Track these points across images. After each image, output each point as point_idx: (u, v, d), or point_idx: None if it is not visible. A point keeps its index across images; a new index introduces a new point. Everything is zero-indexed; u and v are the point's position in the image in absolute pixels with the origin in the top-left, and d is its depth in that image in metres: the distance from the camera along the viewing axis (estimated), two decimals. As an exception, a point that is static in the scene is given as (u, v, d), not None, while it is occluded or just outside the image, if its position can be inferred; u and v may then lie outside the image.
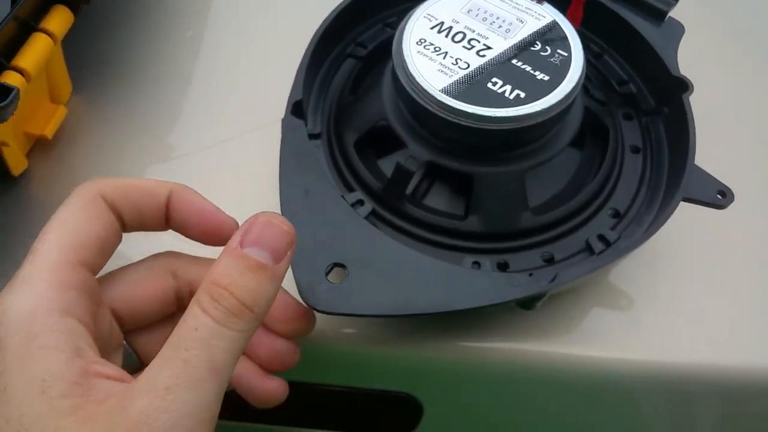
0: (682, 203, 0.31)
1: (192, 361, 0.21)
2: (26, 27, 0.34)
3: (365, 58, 0.38)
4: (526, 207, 0.32)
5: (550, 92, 0.30)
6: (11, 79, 0.32)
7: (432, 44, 0.31)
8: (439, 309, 0.28)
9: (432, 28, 0.32)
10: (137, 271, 0.27)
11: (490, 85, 0.30)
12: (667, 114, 0.35)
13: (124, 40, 0.44)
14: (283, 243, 0.24)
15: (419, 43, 0.31)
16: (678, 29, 0.36)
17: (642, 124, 0.36)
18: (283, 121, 0.33)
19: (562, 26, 0.33)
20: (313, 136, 0.35)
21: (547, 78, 0.31)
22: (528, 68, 0.31)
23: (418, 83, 0.30)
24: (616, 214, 0.34)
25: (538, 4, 0.33)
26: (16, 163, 0.37)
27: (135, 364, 0.28)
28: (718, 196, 0.31)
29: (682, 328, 0.35)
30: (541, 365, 0.35)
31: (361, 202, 0.33)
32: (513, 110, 0.29)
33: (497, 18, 0.33)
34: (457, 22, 0.32)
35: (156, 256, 0.28)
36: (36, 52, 0.34)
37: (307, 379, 0.35)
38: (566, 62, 0.31)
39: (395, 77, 0.31)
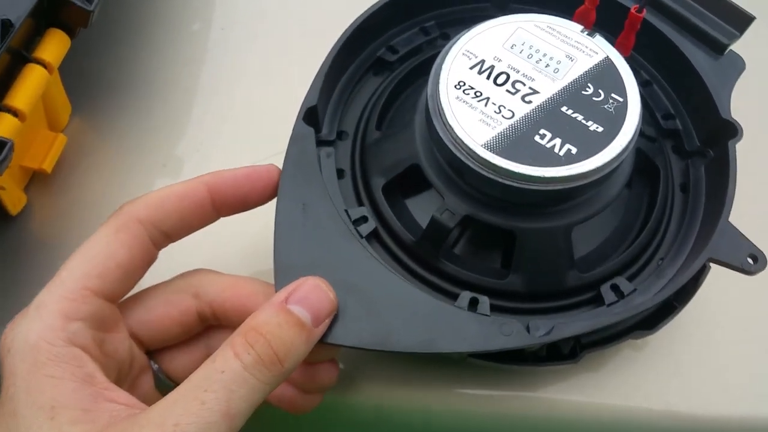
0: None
1: (209, 403, 0.21)
2: (19, 58, 0.31)
3: (395, 80, 0.34)
4: (572, 264, 0.30)
5: (605, 147, 0.27)
6: (4, 123, 0.29)
7: (472, 88, 0.28)
8: (420, 349, 0.26)
9: (472, 68, 0.29)
10: (157, 294, 0.28)
11: (537, 138, 0.27)
12: (711, 158, 0.32)
13: (124, 57, 0.41)
14: (326, 309, 0.25)
15: (458, 86, 0.28)
16: (738, 64, 0.32)
17: (686, 161, 0.33)
18: (294, 127, 0.30)
19: (616, 65, 0.29)
20: (325, 143, 0.33)
21: (600, 129, 0.27)
22: (579, 117, 0.28)
23: (457, 136, 0.27)
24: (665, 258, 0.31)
25: (590, 37, 0.30)
26: (14, 202, 0.34)
27: (169, 387, 0.27)
28: (749, 260, 0.28)
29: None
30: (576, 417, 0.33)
31: (364, 219, 0.30)
32: (564, 169, 0.26)
33: (544, 55, 0.29)
34: (500, 60, 0.29)
35: (178, 278, 0.28)
36: (30, 87, 0.31)
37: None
38: (622, 110, 0.28)
39: (430, 125, 0.28)
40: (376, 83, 0.35)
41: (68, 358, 0.23)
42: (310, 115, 0.31)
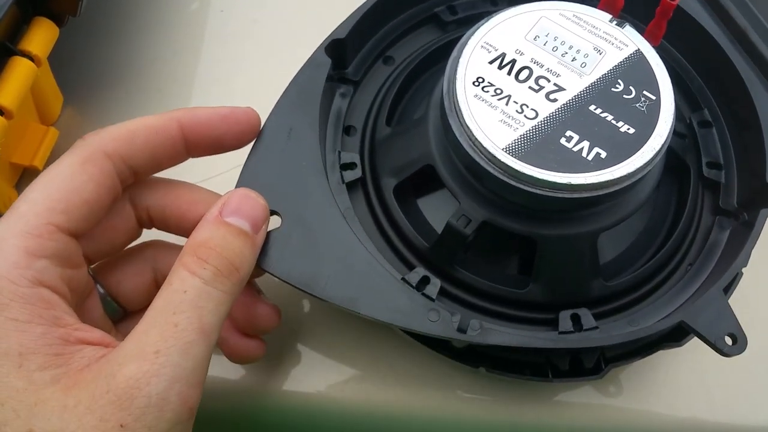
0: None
1: (182, 323, 0.21)
2: (3, 50, 0.29)
3: (407, 69, 0.32)
4: (597, 273, 0.28)
5: (637, 150, 0.25)
6: (-10, 122, 0.27)
7: (492, 85, 0.26)
8: (341, 303, 0.25)
9: (491, 62, 0.27)
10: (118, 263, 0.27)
11: (563, 140, 0.25)
12: (743, 222, 0.29)
13: (116, 44, 0.39)
14: (260, 215, 0.24)
15: (476, 83, 0.26)
16: None
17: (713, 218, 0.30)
18: (314, 53, 0.29)
19: (648, 58, 0.27)
20: (347, 81, 0.32)
21: (632, 131, 0.25)
22: (609, 117, 0.26)
23: (476, 138, 0.25)
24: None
25: (619, 28, 0.28)
26: (4, 201, 0.32)
27: (117, 313, 0.27)
28: (727, 339, 0.25)
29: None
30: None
31: (352, 166, 0.29)
32: (592, 176, 0.24)
33: (570, 47, 0.27)
34: (522, 54, 0.27)
35: (138, 249, 0.27)
36: (17, 82, 0.29)
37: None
38: (654, 109, 0.26)
39: (446, 125, 0.26)
40: (415, 45, 0.33)
41: (35, 300, 0.21)
42: (333, 47, 0.30)
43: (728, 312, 0.25)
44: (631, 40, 0.27)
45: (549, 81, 0.26)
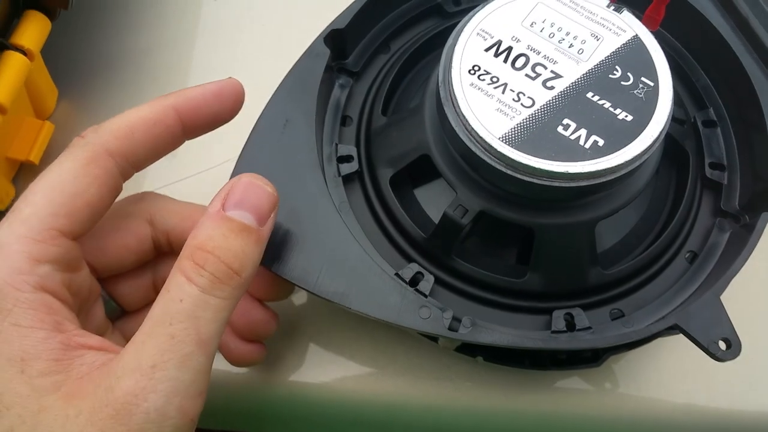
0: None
1: (179, 335, 0.20)
2: (-5, 45, 0.29)
3: (401, 59, 0.32)
4: (595, 262, 0.28)
5: (635, 138, 0.25)
6: (-18, 118, 0.27)
7: (488, 73, 0.26)
8: (333, 298, 0.25)
9: (487, 50, 0.26)
10: (111, 220, 0.25)
11: (560, 129, 0.25)
12: (743, 225, 0.29)
13: (110, 35, 0.38)
14: (267, 204, 0.23)
15: (472, 71, 0.26)
16: None
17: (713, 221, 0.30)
18: (312, 43, 0.29)
19: (646, 44, 0.27)
20: (346, 72, 0.31)
21: (630, 118, 0.25)
22: (607, 104, 0.25)
23: (472, 128, 0.25)
24: (694, 258, 0.29)
25: (616, 13, 0.27)
26: (2, 197, 0.32)
27: (116, 311, 0.27)
28: (720, 344, 0.24)
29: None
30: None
31: (348, 159, 0.29)
32: (590, 164, 0.24)
33: (567, 34, 0.27)
34: (518, 41, 0.26)
35: (131, 202, 0.26)
36: (10, 77, 0.29)
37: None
38: (652, 95, 0.26)
39: (442, 114, 0.26)
40: (404, 40, 0.33)
41: (37, 305, 0.21)
42: (332, 37, 0.29)
43: (723, 316, 0.25)
44: (628, 26, 0.27)
45: (546, 68, 0.26)
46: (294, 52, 0.29)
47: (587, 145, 0.24)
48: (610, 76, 0.26)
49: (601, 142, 0.25)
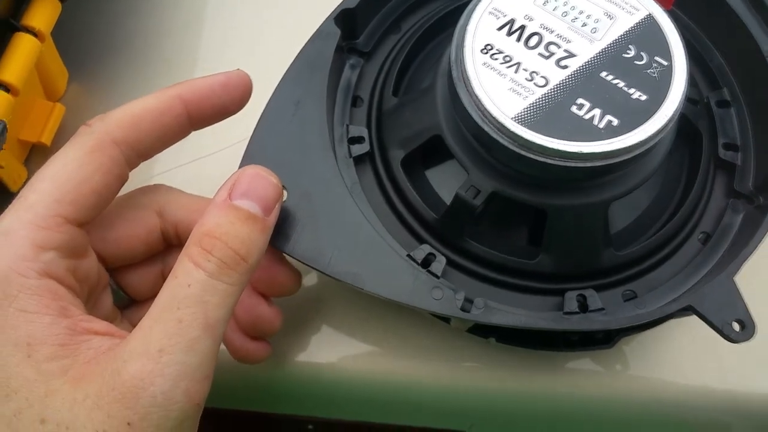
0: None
1: (186, 319, 0.20)
2: (6, 26, 0.29)
3: (412, 38, 0.31)
4: (608, 243, 0.27)
5: (649, 117, 0.24)
6: (-5, 99, 0.27)
7: (501, 52, 0.26)
8: (346, 279, 0.25)
9: (500, 28, 0.26)
10: (121, 211, 0.26)
11: (574, 108, 0.25)
12: (758, 205, 0.28)
13: (121, 16, 0.38)
14: (272, 195, 0.23)
15: (485, 51, 0.26)
16: None
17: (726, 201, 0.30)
18: (323, 23, 0.29)
19: (659, 23, 0.26)
20: (357, 52, 0.31)
21: (644, 97, 0.25)
22: (621, 84, 0.25)
23: (485, 108, 0.25)
24: (707, 239, 0.29)
25: (631, -9, 0.27)
26: (14, 178, 0.33)
27: (124, 300, 0.27)
28: (734, 325, 0.24)
29: None
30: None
31: (359, 140, 0.29)
32: (605, 144, 0.24)
33: (580, 12, 0.26)
34: (531, 20, 0.26)
35: (141, 193, 0.27)
36: (22, 59, 0.29)
37: (361, 418, 0.33)
38: (667, 74, 0.25)
39: (454, 94, 0.26)
40: (415, 20, 0.32)
41: (42, 291, 0.21)
42: (343, 17, 0.29)
43: (737, 298, 0.25)
44: (642, 5, 0.27)
45: (559, 47, 0.26)
46: (304, 32, 0.29)
47: (601, 125, 0.24)
48: (624, 55, 0.26)
49: (615, 122, 0.24)
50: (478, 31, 0.26)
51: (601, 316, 0.26)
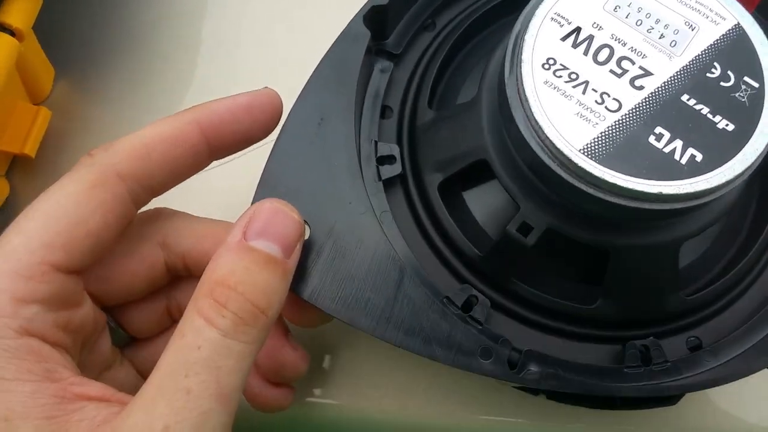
0: None
1: (195, 390, 0.18)
2: (-20, 24, 0.24)
3: (450, 38, 0.27)
4: (676, 286, 0.24)
5: (737, 152, 0.21)
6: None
7: (565, 68, 0.22)
8: (374, 333, 0.22)
9: (564, 38, 0.22)
10: (118, 244, 0.22)
11: (652, 139, 0.21)
12: None
13: (111, 6, 0.34)
14: (293, 233, 0.21)
15: (546, 66, 0.22)
16: None
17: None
18: (350, 23, 0.25)
19: (749, 35, 0.22)
20: (387, 54, 0.28)
21: (731, 127, 0.21)
22: (705, 110, 0.21)
23: (546, 137, 0.21)
24: (781, 277, 0.26)
25: (715, -4, 0.23)
26: (-6, 195, 0.29)
27: (124, 338, 0.24)
28: None
29: None
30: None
31: (390, 160, 0.26)
32: (688, 183, 0.20)
33: (657, 21, 0.23)
34: (600, 29, 0.22)
35: (140, 222, 0.23)
36: (-2, 62, 0.24)
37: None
38: (758, 99, 0.22)
39: (508, 117, 0.22)
40: (451, 15, 0.28)
41: (23, 353, 0.18)
42: (372, 15, 0.26)
43: None
44: (729, 12, 0.23)
45: (633, 63, 0.22)
46: (325, 24, 0.25)
47: (683, 160, 0.21)
48: (708, 74, 0.22)
49: (699, 157, 0.21)
50: (539, 40, 0.22)
51: (679, 378, 0.23)
